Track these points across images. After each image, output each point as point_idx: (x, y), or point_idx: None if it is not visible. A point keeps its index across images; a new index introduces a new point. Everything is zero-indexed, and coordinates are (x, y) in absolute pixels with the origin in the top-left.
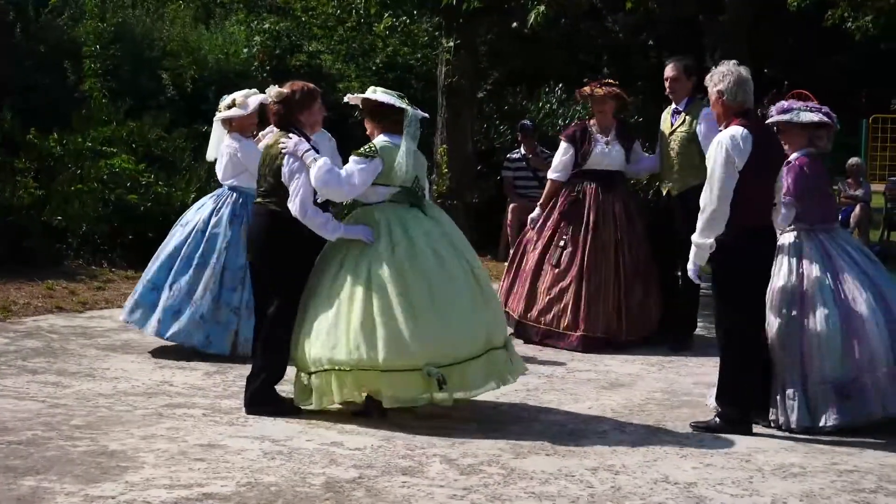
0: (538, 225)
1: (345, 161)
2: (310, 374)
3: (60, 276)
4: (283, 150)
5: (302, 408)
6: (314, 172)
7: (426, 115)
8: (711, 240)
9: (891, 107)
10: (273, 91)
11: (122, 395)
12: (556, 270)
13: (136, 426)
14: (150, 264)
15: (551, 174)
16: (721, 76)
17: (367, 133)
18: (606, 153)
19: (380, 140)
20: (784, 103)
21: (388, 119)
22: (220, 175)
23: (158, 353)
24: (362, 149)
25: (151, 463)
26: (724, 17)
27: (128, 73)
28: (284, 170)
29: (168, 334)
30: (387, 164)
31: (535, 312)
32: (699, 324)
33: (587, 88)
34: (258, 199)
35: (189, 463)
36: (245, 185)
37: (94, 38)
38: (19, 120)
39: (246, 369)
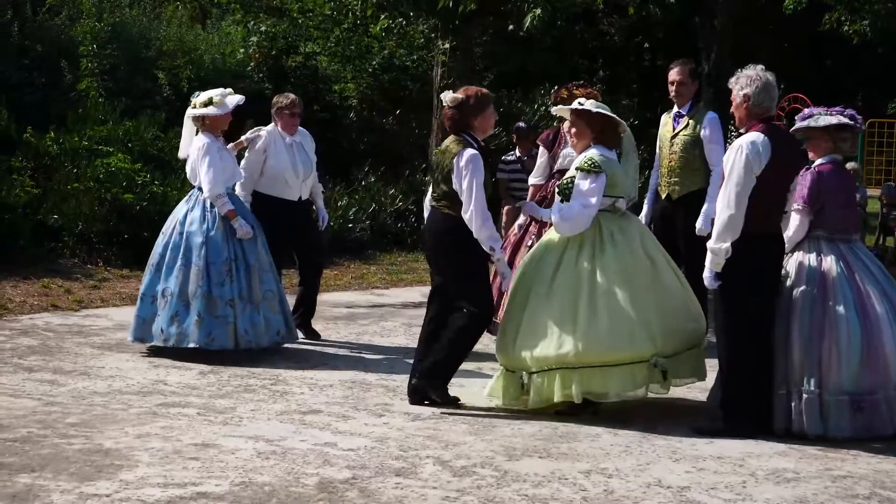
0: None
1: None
2: (531, 373)
3: (56, 274)
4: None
5: (502, 405)
6: (573, 222)
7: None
8: (728, 245)
9: (887, 111)
10: (448, 96)
11: (117, 393)
12: None
13: (131, 425)
14: (143, 277)
15: (531, 179)
16: (749, 80)
17: (575, 143)
18: (571, 154)
19: (596, 153)
20: (807, 110)
21: (605, 133)
22: (189, 174)
23: (153, 352)
24: (585, 164)
25: (146, 461)
26: (718, 20)
27: (124, 73)
28: (457, 179)
29: (172, 341)
30: (609, 177)
31: (502, 312)
32: None
33: (564, 90)
34: (433, 203)
35: (183, 462)
36: None
37: (91, 37)
38: (16, 118)
39: (241, 369)
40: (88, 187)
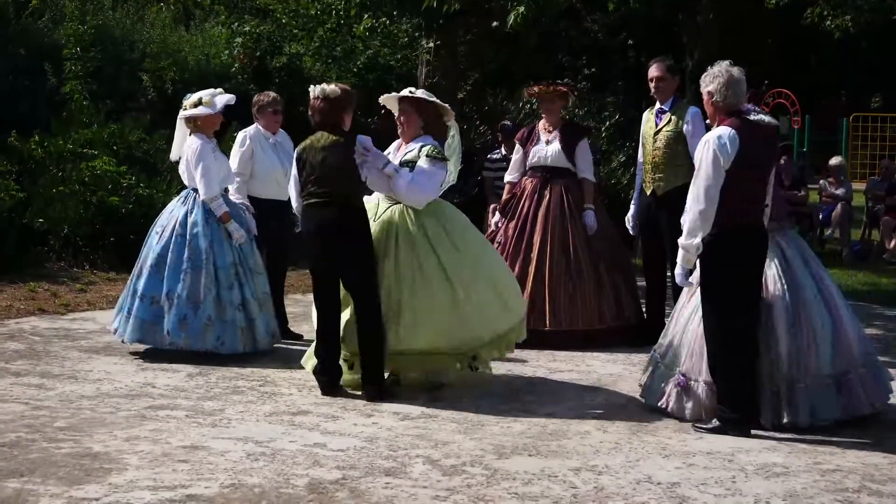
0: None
1: None
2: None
3: (42, 278)
4: None
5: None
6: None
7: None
8: (698, 240)
9: (871, 105)
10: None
11: (105, 396)
12: None
13: (120, 428)
14: (133, 277)
15: (507, 176)
16: (711, 77)
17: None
18: (541, 150)
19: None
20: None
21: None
22: (184, 176)
23: (141, 354)
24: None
25: (135, 465)
26: (702, 17)
27: (108, 76)
28: None
29: (181, 343)
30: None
31: None
32: None
33: (536, 88)
34: None
35: (172, 464)
36: None
37: (75, 40)
38: (0, 122)
39: (229, 371)
40: (74, 190)
